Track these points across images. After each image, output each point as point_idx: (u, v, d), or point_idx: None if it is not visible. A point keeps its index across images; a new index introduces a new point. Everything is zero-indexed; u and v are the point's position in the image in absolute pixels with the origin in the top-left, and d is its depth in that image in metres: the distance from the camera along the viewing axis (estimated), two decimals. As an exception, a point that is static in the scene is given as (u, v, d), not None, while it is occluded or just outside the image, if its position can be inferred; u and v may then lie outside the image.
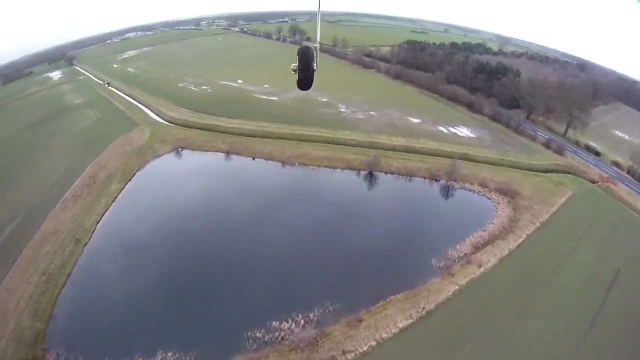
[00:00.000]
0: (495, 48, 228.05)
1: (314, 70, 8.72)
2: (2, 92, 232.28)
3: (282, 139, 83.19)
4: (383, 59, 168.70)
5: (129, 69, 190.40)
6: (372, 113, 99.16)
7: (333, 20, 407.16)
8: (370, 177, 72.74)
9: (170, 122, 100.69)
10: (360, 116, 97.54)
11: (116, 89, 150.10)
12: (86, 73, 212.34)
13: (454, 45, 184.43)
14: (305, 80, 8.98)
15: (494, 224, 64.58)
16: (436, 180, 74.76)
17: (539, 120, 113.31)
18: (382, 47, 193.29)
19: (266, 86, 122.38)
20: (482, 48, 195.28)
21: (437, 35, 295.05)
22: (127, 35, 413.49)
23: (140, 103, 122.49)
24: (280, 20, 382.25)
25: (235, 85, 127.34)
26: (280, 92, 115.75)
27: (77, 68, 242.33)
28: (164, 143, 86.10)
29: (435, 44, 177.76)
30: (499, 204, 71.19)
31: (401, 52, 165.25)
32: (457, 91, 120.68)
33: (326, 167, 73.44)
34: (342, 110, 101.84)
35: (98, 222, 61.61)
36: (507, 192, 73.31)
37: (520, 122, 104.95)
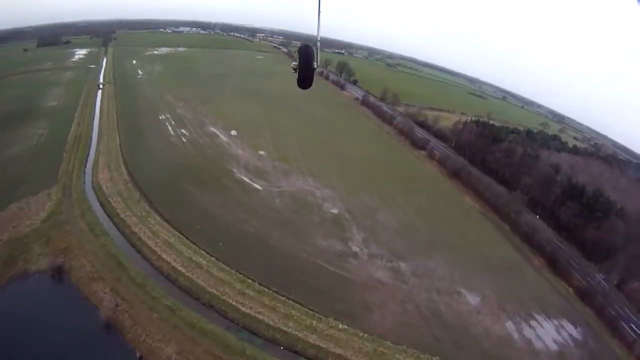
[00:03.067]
0: (555, 130, 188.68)
1: (314, 69, 7.77)
2: (24, 57, 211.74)
3: (211, 308, 40.99)
4: (439, 134, 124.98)
5: (139, 71, 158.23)
6: (403, 265, 52.87)
7: (392, 62, 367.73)
8: None
9: (94, 189, 63.79)
10: (380, 273, 50.75)
11: (102, 96, 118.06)
12: (103, 62, 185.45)
13: (529, 135, 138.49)
14: (305, 80, 7.90)
15: None
16: None
17: (630, 289, 69.32)
18: (441, 111, 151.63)
19: (261, 153, 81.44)
20: (557, 142, 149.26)
21: (494, 102, 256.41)
22: (182, 28, 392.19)
23: (99, 130, 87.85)
24: (336, 50, 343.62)
25: (223, 139, 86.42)
26: (274, 171, 73.81)
27: (104, 51, 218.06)
28: (46, 246, 47.96)
29: (508, 129, 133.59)
30: None
31: (464, 134, 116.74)
32: (538, 228, 76.44)
33: None
34: (355, 247, 55.01)
35: None
36: None
37: (621, 313, 61.38)
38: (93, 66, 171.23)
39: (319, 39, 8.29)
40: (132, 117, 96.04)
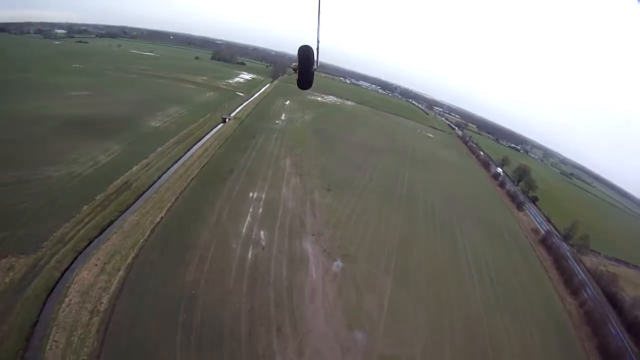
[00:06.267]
0: None
1: (313, 72, 9.28)
2: (188, 64, 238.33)
3: None
4: (636, 328, 74.90)
5: (282, 115, 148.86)
6: None
7: (565, 169, 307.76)
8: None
9: (61, 294, 42.80)
10: None
11: (214, 134, 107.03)
12: (256, 93, 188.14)
13: None
14: (304, 81, 9.48)
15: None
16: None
17: None
18: (627, 267, 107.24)
19: (358, 336, 46.00)
20: None
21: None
22: (361, 82, 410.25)
23: (160, 185, 70.77)
24: (512, 145, 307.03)
25: (312, 276, 55.33)
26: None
27: (269, 82, 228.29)
28: None
29: None
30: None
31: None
32: None
33: None
34: None
35: None
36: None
37: None
38: (241, 94, 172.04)
39: (318, 39, 9.49)
40: (215, 179, 76.64)
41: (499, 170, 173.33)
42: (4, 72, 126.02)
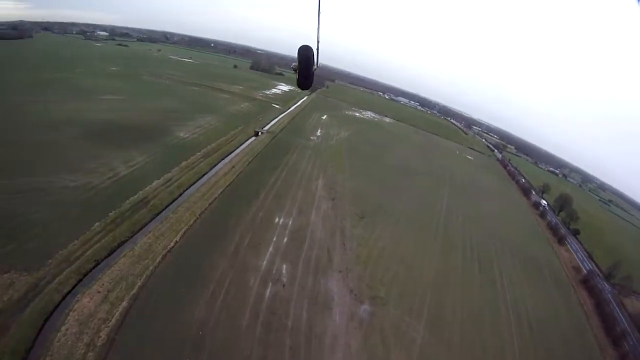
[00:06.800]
0: None
1: (313, 72, 9.44)
2: (227, 73, 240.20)
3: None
4: None
5: (318, 131, 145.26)
6: None
7: (604, 196, 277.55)
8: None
9: (58, 323, 39.77)
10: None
11: (245, 148, 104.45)
12: (293, 106, 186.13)
13: None
14: (304, 81, 9.68)
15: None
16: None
17: None
18: None
19: None
20: None
21: None
22: (400, 98, 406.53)
23: (180, 204, 67.83)
24: (551, 169, 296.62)
25: (334, 323, 50.37)
26: None
27: (306, 95, 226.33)
28: None
29: None
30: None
31: None
32: None
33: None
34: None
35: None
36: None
37: None
38: (277, 106, 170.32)
39: (318, 39, 9.42)
40: (239, 201, 73.21)
41: (543, 202, 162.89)
42: (43, 72, 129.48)
